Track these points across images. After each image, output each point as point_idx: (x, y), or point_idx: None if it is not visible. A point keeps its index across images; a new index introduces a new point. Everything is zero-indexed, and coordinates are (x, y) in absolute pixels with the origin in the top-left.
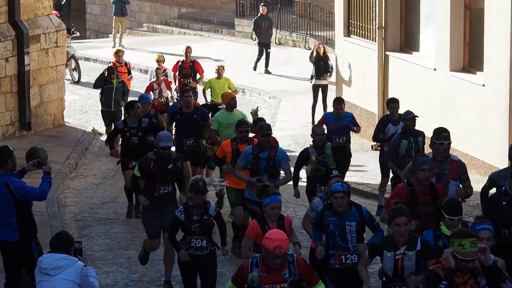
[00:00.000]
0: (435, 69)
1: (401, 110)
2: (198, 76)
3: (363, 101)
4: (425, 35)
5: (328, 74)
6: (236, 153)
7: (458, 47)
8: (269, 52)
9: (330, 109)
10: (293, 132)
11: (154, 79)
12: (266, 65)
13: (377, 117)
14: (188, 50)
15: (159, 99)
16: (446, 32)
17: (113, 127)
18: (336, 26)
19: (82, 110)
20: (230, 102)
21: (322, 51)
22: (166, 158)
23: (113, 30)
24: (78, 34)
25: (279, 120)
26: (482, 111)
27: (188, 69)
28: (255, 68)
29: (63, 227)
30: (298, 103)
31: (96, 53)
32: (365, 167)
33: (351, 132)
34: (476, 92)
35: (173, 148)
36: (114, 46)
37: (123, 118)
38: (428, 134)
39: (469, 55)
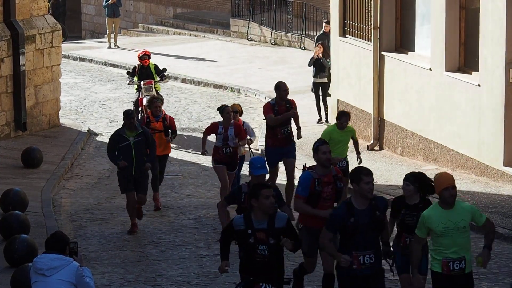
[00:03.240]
0: (430, 69)
1: (398, 110)
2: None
3: (359, 101)
4: (421, 35)
5: (325, 73)
6: None
7: (453, 47)
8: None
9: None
10: None
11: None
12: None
13: (372, 117)
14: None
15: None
16: (441, 32)
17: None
18: (331, 26)
19: (78, 110)
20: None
21: (318, 53)
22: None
23: (107, 30)
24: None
25: None
26: (477, 111)
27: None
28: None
29: (58, 227)
30: None
31: (91, 53)
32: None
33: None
34: (471, 92)
35: None
36: (110, 46)
37: None
38: (423, 134)
39: (465, 55)
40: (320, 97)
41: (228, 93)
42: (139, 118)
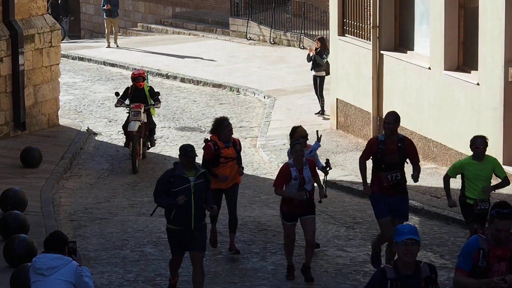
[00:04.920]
0: (429, 68)
1: (397, 109)
2: None
3: (358, 100)
4: (420, 34)
5: (322, 66)
6: None
7: (452, 46)
8: None
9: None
10: (287, 131)
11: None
12: None
13: (371, 116)
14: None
15: None
16: (440, 31)
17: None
18: (330, 25)
19: (77, 110)
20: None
21: (311, 51)
22: None
23: (106, 30)
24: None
25: (273, 119)
26: (476, 110)
27: None
28: None
29: (57, 227)
30: (292, 102)
31: (90, 53)
32: None
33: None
34: (470, 91)
35: None
36: (109, 46)
37: None
38: (422, 133)
39: (464, 54)
40: (318, 89)
41: (227, 92)
42: (128, 147)
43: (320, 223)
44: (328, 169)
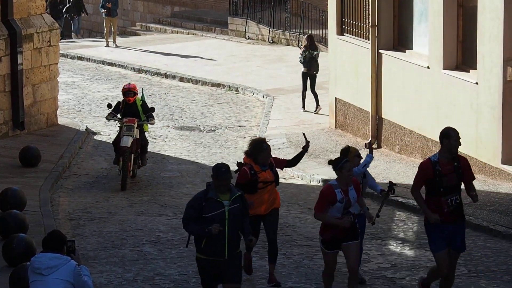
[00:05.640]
0: (428, 67)
1: (396, 108)
2: None
3: (356, 99)
4: (418, 33)
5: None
6: None
7: (451, 45)
8: None
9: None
10: (286, 130)
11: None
12: None
13: (370, 115)
14: None
15: None
16: (439, 30)
17: None
18: (329, 25)
19: (76, 109)
20: None
21: (302, 48)
22: None
23: (105, 29)
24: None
25: (272, 119)
26: (475, 109)
27: None
28: None
29: (56, 226)
30: (291, 101)
31: (89, 52)
32: None
33: None
34: (469, 90)
35: None
36: (107, 45)
37: None
38: (421, 132)
39: (462, 53)
40: (308, 86)
41: (226, 91)
42: (117, 165)
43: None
44: (392, 193)
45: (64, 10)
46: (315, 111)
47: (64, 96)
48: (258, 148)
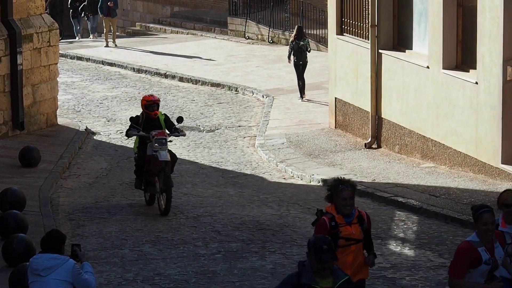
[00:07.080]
0: (428, 67)
1: (396, 108)
2: None
3: (356, 99)
4: (418, 33)
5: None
6: None
7: (451, 45)
8: None
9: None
10: (286, 130)
11: None
12: None
13: (370, 115)
14: None
15: None
16: (439, 30)
17: None
18: (329, 24)
19: (75, 109)
20: None
21: (292, 37)
22: None
23: (104, 29)
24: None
25: (272, 119)
26: (475, 109)
27: None
28: None
29: (56, 226)
30: (291, 101)
31: (88, 52)
32: (358, 165)
33: None
34: (469, 90)
35: None
36: (107, 45)
37: None
38: (421, 132)
39: (462, 53)
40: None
41: (226, 91)
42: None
43: None
44: None
45: (80, 8)
46: (301, 98)
47: (64, 96)
48: (334, 190)
